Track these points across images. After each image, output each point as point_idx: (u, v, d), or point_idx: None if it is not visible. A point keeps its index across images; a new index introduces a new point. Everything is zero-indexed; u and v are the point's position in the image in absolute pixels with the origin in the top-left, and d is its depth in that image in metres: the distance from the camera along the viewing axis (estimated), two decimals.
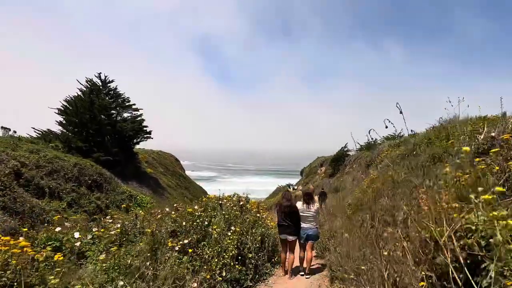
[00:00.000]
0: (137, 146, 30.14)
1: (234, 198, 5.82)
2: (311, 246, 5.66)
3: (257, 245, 4.71)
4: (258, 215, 5.59)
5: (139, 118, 23.79)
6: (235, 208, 5.34)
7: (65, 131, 20.97)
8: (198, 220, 4.20)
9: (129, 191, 16.68)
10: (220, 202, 5.31)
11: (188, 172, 61.55)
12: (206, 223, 4.26)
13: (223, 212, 4.87)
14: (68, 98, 20.80)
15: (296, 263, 5.70)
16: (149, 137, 24.34)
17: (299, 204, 5.84)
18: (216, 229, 4.24)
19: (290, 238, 5.54)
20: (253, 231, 4.85)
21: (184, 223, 4.08)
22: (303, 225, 5.62)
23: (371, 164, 9.96)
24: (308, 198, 5.91)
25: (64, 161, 13.95)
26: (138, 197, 16.71)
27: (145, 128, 24.17)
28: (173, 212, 4.42)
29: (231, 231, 4.50)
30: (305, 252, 5.65)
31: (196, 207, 4.71)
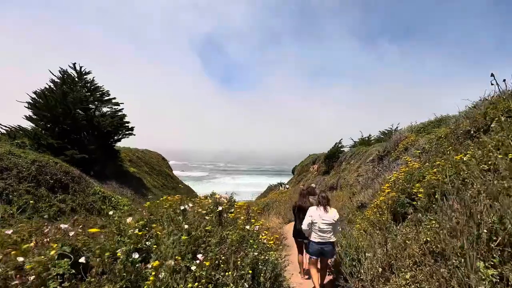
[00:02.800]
0: (122, 145, 27.49)
1: (209, 201, 3.58)
2: (326, 263, 4.68)
3: (246, 286, 2.50)
4: (247, 227, 3.36)
5: (119, 113, 21.26)
6: (208, 218, 3.12)
7: (36, 127, 18.31)
8: (122, 249, 1.98)
9: (102, 191, 14.17)
10: (184, 207, 3.10)
11: (178, 172, 58.76)
12: (136, 256, 2.02)
13: (186, 227, 2.67)
14: (38, 91, 18.11)
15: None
16: (131, 134, 21.82)
17: (313, 209, 4.58)
18: (163, 269, 2.02)
19: (307, 240, 4.97)
20: (238, 259, 2.63)
21: (94, 257, 1.87)
22: (317, 238, 4.42)
23: (387, 156, 7.91)
24: (325, 200, 4.56)
25: (20, 157, 11.40)
26: (113, 199, 14.24)
27: (126, 124, 21.65)
28: (79, 230, 2.17)
29: (196, 263, 2.31)
30: (319, 271, 4.65)
31: (129, 220, 2.46)
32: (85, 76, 19.88)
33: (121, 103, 21.22)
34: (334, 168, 23.78)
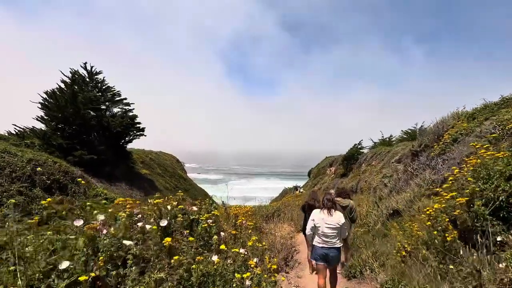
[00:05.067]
0: (136, 146, 26.87)
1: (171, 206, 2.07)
2: (335, 270, 4.18)
3: None
4: (215, 258, 1.82)
5: (130, 114, 20.43)
6: (128, 242, 1.60)
7: (47, 127, 17.77)
8: None
9: (105, 193, 13.11)
10: (80, 221, 1.65)
11: (194, 175, 57.93)
12: None
13: (66, 265, 1.29)
14: (49, 91, 17.55)
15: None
16: (142, 135, 20.91)
17: (316, 212, 4.15)
18: None
19: None
20: None
21: None
22: (321, 243, 4.00)
23: (424, 151, 6.15)
24: (330, 203, 4.07)
25: (15, 156, 10.51)
26: (115, 200, 13.14)
27: (138, 125, 20.77)
28: None
29: None
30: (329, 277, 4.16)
31: None
32: (96, 76, 19.22)
33: (132, 103, 20.40)
34: (353, 170, 21.78)
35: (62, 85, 17.77)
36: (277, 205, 11.27)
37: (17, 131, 17.30)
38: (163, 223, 2.05)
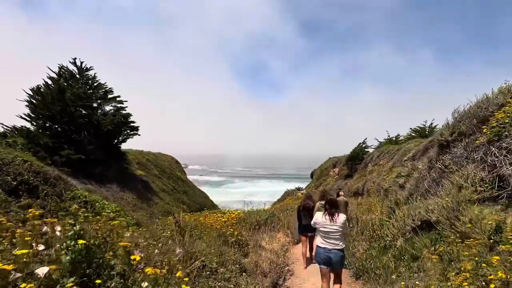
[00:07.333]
0: (134, 147, 25.42)
1: None
2: (338, 275, 3.77)
3: None
4: None
5: (124, 112, 18.99)
6: None
7: (34, 126, 16.43)
8: None
9: (85, 195, 11.58)
10: None
11: (196, 177, 56.31)
12: None
13: None
14: (35, 87, 16.23)
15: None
16: (136, 134, 19.46)
17: (319, 216, 3.83)
18: None
19: (310, 234, 5.44)
20: None
21: None
22: (324, 244, 3.70)
23: (458, 141, 4.50)
24: (331, 207, 3.74)
25: None
26: (97, 204, 11.59)
27: (131, 124, 19.32)
28: None
29: None
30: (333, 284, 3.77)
31: None
32: (86, 73, 17.85)
33: (125, 101, 18.97)
34: (358, 171, 20.00)
35: (49, 82, 16.47)
36: (271, 209, 9.61)
37: (4, 129, 15.99)
38: None
